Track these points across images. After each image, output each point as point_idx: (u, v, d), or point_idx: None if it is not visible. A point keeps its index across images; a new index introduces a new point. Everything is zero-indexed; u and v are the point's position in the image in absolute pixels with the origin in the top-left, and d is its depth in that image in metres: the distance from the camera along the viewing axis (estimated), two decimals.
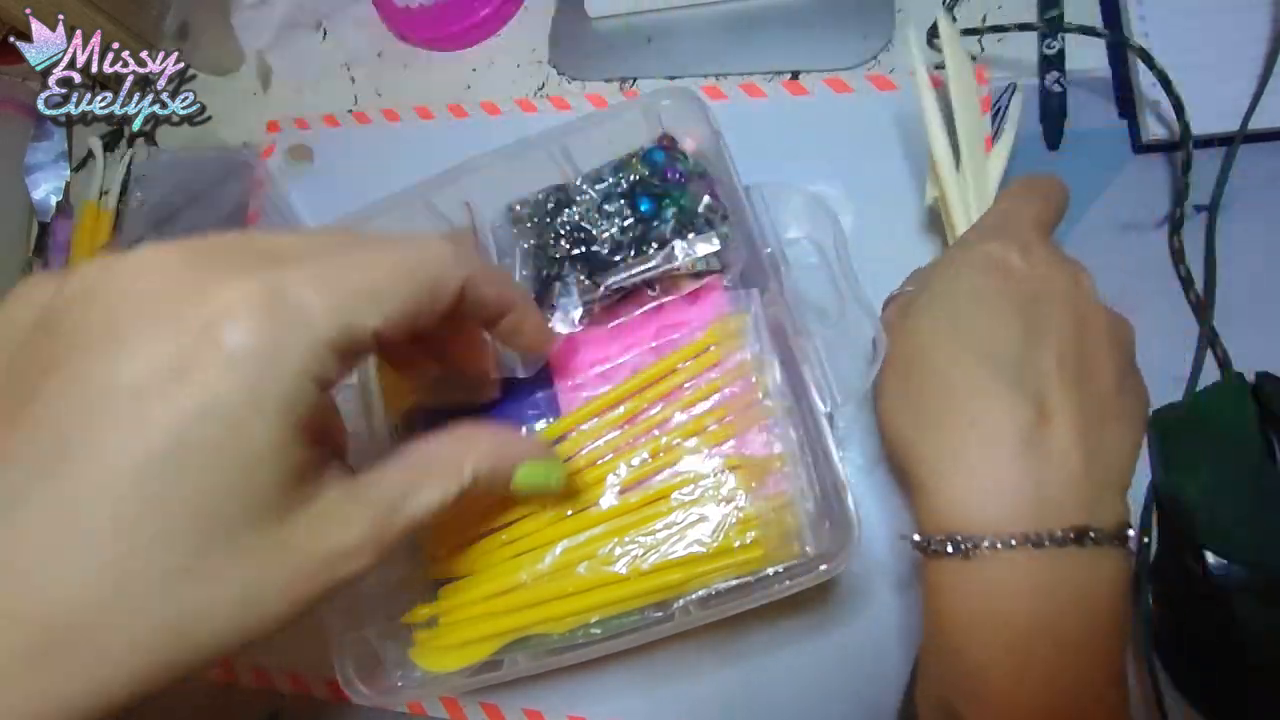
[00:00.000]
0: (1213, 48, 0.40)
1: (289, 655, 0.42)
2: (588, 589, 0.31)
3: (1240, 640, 0.31)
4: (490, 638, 0.32)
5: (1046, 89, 0.42)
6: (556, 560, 0.31)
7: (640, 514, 0.31)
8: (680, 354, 0.33)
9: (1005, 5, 0.44)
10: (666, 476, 0.32)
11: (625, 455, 0.32)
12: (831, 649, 0.37)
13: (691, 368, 0.33)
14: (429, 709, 0.40)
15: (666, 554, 0.30)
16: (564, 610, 0.31)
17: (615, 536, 0.31)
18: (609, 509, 0.31)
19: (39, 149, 0.57)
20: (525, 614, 0.32)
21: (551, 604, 0.31)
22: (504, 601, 0.32)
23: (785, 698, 0.37)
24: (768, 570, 0.33)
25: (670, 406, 0.32)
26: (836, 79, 0.45)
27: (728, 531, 0.30)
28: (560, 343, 0.34)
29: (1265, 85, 0.38)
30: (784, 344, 0.32)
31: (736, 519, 0.30)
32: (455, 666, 0.32)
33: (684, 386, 0.33)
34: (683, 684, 0.38)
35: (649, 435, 0.32)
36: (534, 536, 0.32)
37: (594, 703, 0.38)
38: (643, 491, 0.32)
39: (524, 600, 0.32)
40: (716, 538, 0.30)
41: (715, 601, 0.32)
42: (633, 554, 0.31)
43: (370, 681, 0.33)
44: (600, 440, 0.33)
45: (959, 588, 0.26)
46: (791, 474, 0.31)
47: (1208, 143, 0.39)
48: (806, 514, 0.31)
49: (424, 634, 0.33)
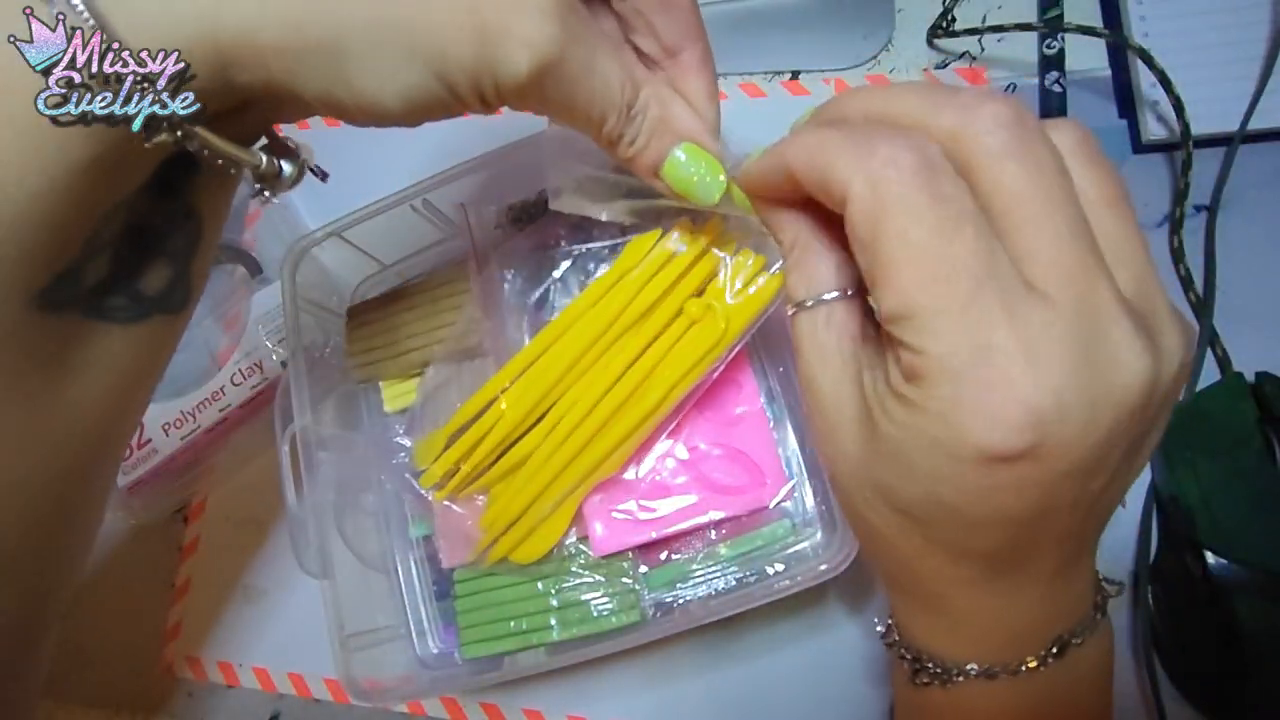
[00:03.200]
0: (1213, 48, 0.40)
1: (289, 655, 0.42)
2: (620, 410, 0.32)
3: (1240, 640, 0.31)
4: (557, 508, 0.33)
5: (1046, 89, 0.42)
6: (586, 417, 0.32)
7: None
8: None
9: (1005, 5, 0.44)
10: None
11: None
12: (831, 649, 0.37)
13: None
14: (429, 709, 0.40)
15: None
16: (610, 445, 0.32)
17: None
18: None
19: None
20: (577, 467, 0.32)
21: (597, 444, 0.32)
22: (548, 470, 0.32)
23: (785, 698, 0.37)
24: (767, 570, 0.33)
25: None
26: (836, 79, 0.45)
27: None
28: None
29: (1265, 85, 0.38)
30: (785, 343, 0.32)
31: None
32: (543, 551, 0.33)
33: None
34: (683, 684, 0.38)
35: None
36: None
37: (594, 703, 0.38)
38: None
39: (580, 455, 0.32)
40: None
41: (716, 601, 0.33)
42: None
43: (370, 681, 0.33)
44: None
45: (939, 713, 0.23)
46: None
47: (1208, 143, 0.39)
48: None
49: (501, 541, 0.33)
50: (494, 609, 0.34)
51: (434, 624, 0.37)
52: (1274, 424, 0.33)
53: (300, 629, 0.42)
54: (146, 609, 0.44)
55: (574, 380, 0.32)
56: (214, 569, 0.44)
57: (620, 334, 0.32)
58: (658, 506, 0.33)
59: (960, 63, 0.44)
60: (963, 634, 0.22)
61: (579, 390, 0.32)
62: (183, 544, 0.45)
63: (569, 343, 0.32)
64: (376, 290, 0.41)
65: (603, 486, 0.33)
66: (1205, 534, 0.32)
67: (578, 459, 0.32)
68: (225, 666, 0.43)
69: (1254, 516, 0.32)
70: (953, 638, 0.22)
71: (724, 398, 0.34)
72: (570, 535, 0.34)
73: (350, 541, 0.35)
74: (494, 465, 0.33)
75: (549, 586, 0.34)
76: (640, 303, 0.31)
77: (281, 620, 0.43)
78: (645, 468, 0.34)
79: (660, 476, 0.33)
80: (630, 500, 0.33)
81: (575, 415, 0.32)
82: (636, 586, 0.33)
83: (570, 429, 0.32)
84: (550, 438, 0.32)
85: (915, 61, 0.44)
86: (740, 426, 0.34)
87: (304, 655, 0.42)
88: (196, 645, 0.43)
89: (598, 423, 0.32)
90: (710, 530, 0.34)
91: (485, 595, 0.34)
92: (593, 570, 0.34)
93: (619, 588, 0.33)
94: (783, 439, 0.35)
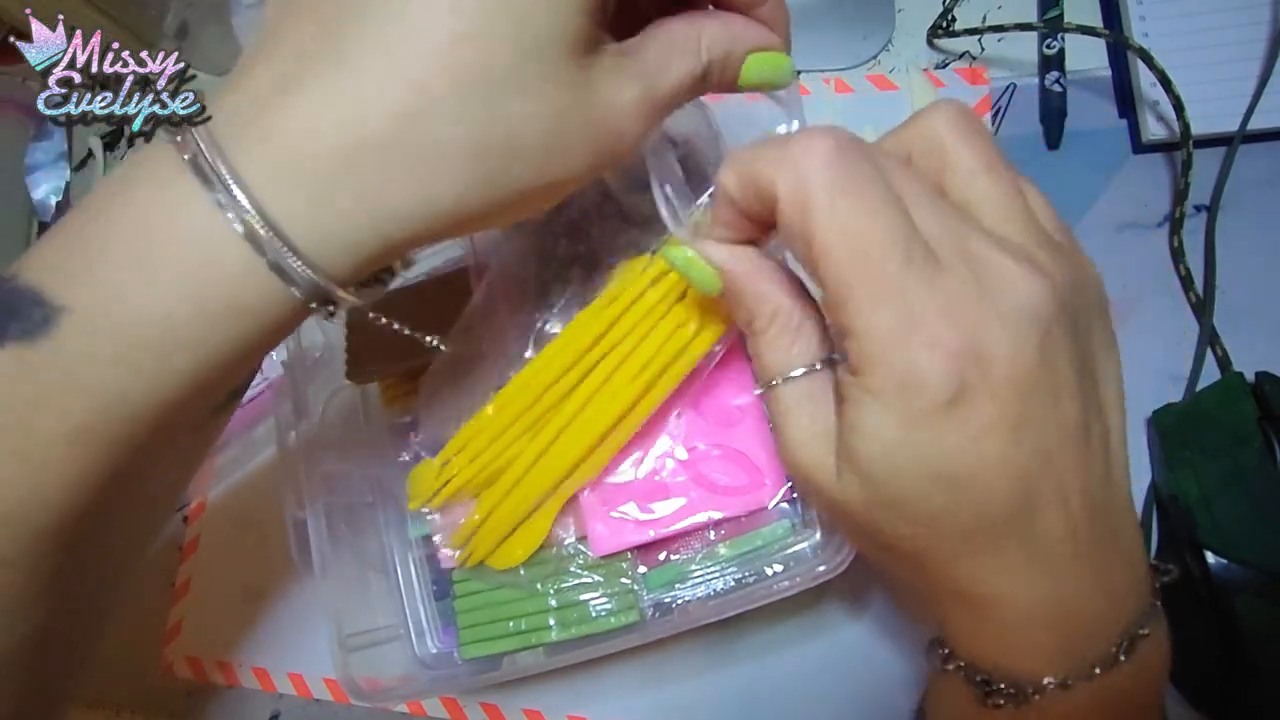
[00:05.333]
0: (1213, 48, 0.40)
1: (289, 655, 0.42)
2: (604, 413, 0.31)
3: (1240, 640, 0.31)
4: (541, 506, 0.33)
5: (1046, 89, 0.42)
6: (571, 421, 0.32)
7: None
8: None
9: (1005, 5, 0.44)
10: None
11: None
12: (831, 649, 0.37)
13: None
14: (429, 709, 0.40)
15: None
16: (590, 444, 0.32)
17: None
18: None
19: (39, 149, 0.57)
20: (556, 468, 0.32)
21: (577, 444, 0.32)
22: (539, 470, 0.32)
23: (785, 698, 0.37)
24: (766, 570, 0.33)
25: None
26: (837, 79, 0.45)
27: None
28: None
29: (1265, 85, 0.38)
30: None
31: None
32: (522, 557, 0.33)
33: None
34: (683, 684, 0.38)
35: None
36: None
37: (594, 703, 0.38)
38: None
39: (560, 456, 0.32)
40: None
41: (715, 601, 0.33)
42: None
43: (370, 681, 0.33)
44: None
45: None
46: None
47: (1208, 143, 0.39)
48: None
49: (478, 541, 0.33)
50: (493, 609, 0.34)
51: (433, 624, 0.37)
52: (1274, 424, 0.33)
53: (300, 629, 0.42)
54: (146, 609, 0.44)
55: (564, 389, 0.32)
56: (214, 569, 0.44)
57: (612, 346, 0.32)
58: (657, 507, 0.33)
59: (960, 63, 0.44)
60: (1021, 637, 0.21)
61: (565, 392, 0.32)
62: (183, 544, 0.45)
63: (558, 350, 0.32)
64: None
65: (602, 487, 0.33)
66: (1205, 534, 0.32)
67: (559, 460, 0.32)
68: (225, 666, 0.43)
69: (1254, 516, 0.32)
70: (1011, 642, 0.21)
71: (723, 398, 0.34)
72: (569, 535, 0.34)
73: (350, 541, 0.35)
74: (480, 472, 0.33)
75: (548, 587, 0.34)
76: (631, 318, 0.31)
77: (281, 620, 0.43)
78: (644, 468, 0.34)
79: (659, 477, 0.33)
80: (629, 501, 0.33)
81: (561, 418, 0.32)
82: (635, 587, 0.33)
83: (556, 432, 0.32)
84: (536, 441, 0.32)
85: (915, 61, 0.44)
86: (740, 427, 0.34)
87: (304, 655, 0.42)
88: (196, 645, 0.43)
89: (581, 424, 0.32)
90: (709, 531, 0.34)
91: (484, 596, 0.34)
92: (592, 570, 0.34)
93: (618, 588, 0.33)
94: None
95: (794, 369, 0.22)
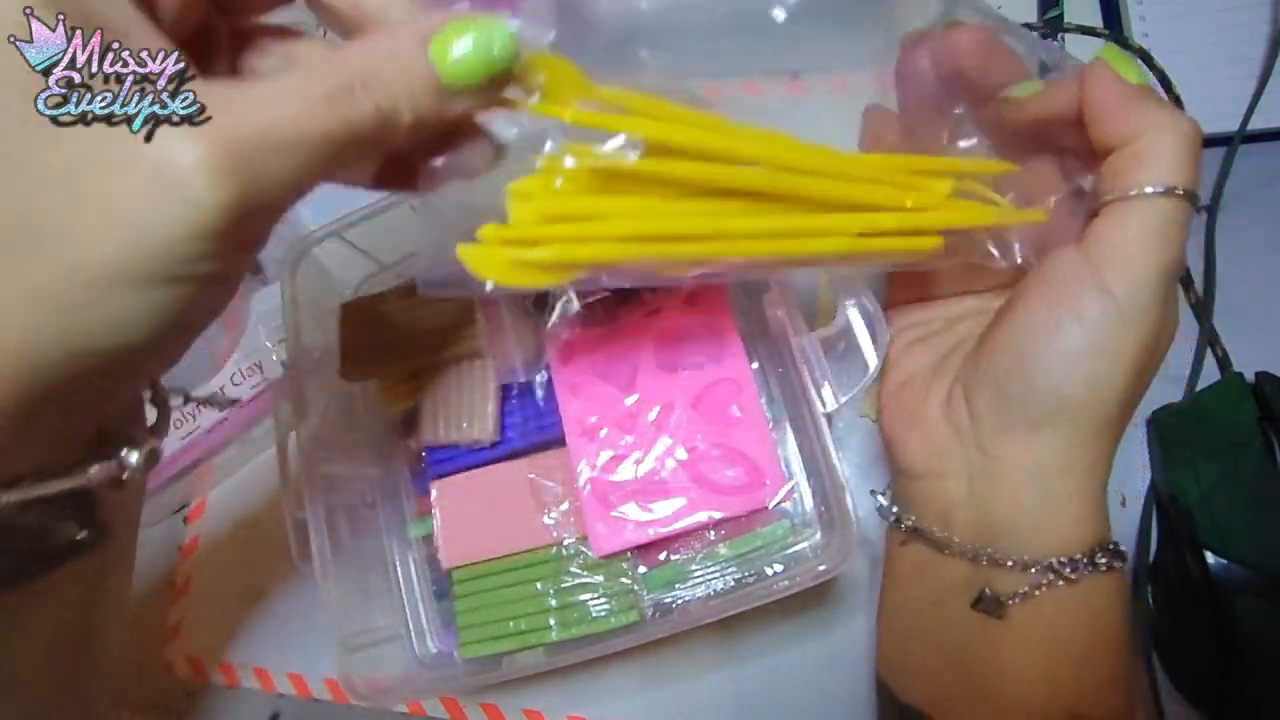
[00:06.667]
0: (1213, 48, 0.40)
1: (289, 655, 0.42)
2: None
3: (1240, 640, 0.31)
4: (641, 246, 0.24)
5: None
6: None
7: None
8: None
9: (1005, 5, 0.44)
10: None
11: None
12: (831, 649, 0.37)
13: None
14: (429, 709, 0.40)
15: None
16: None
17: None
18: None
19: None
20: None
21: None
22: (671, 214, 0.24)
23: (785, 698, 0.37)
24: (766, 570, 0.33)
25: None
26: (836, 79, 0.45)
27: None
28: (559, 346, 0.34)
29: (1265, 85, 0.38)
30: (784, 344, 0.32)
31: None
32: (586, 259, 0.24)
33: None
34: (683, 684, 0.38)
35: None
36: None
37: (594, 703, 0.38)
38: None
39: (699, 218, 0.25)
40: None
41: (715, 601, 0.33)
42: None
43: (370, 681, 0.33)
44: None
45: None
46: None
47: (1208, 143, 0.39)
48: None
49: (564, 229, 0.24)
50: (493, 609, 0.34)
51: (433, 624, 0.37)
52: (1274, 424, 0.33)
53: (300, 629, 0.42)
54: (146, 609, 0.44)
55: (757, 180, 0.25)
56: (214, 569, 0.44)
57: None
58: (656, 507, 0.33)
59: None
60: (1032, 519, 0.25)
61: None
62: (183, 544, 0.45)
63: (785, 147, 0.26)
64: (376, 290, 0.41)
65: (603, 487, 0.33)
66: (1205, 534, 0.32)
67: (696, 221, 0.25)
68: (225, 666, 0.43)
69: (1254, 516, 0.32)
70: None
71: (723, 398, 0.34)
72: (570, 535, 0.34)
73: (350, 541, 0.35)
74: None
75: (548, 587, 0.34)
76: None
77: (281, 620, 0.43)
78: (644, 468, 0.34)
79: (659, 477, 0.33)
80: (629, 501, 0.33)
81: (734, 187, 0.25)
82: (635, 587, 0.33)
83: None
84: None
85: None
86: (739, 427, 0.34)
87: (304, 655, 0.42)
88: (196, 645, 0.43)
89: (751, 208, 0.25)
90: (709, 530, 0.34)
91: (484, 595, 0.34)
92: (592, 571, 0.34)
93: (618, 588, 0.33)
94: (781, 439, 0.35)
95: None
